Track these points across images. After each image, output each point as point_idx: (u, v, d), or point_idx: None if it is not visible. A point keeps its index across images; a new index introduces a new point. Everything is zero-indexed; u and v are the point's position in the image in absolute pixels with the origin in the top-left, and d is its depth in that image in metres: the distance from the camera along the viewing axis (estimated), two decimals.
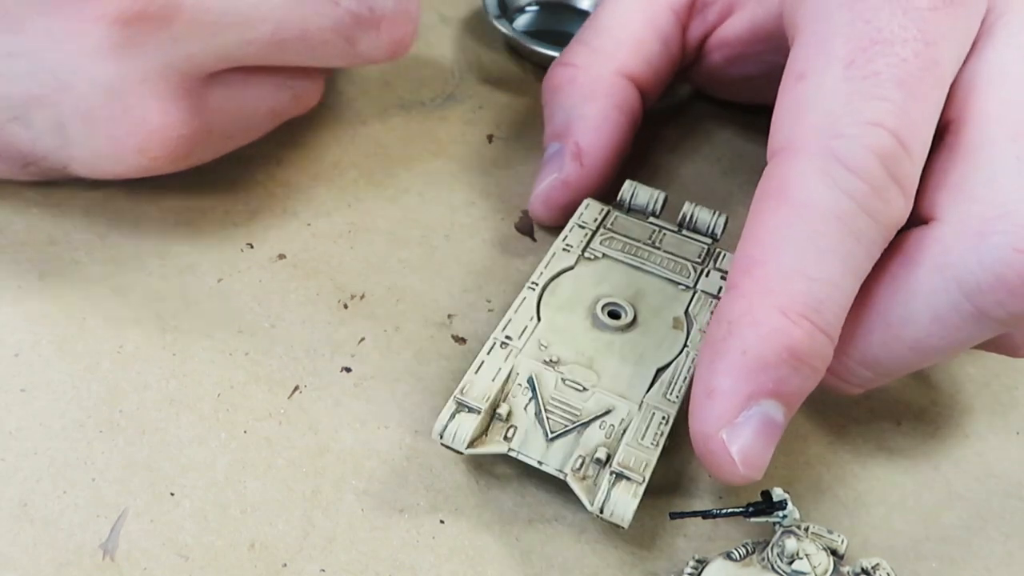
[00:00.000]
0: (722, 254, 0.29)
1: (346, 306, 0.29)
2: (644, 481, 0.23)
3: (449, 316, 0.29)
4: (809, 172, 0.22)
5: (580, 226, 0.29)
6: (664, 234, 0.30)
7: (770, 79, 0.25)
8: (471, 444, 0.23)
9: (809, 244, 0.22)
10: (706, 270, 0.29)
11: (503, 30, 0.39)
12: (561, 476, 0.23)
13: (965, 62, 0.24)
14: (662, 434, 0.24)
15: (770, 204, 0.23)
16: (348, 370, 0.27)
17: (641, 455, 0.23)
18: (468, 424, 0.23)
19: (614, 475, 0.23)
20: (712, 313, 0.26)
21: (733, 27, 0.33)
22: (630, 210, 0.30)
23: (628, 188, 0.30)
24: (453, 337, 0.28)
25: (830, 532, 0.23)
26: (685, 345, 0.26)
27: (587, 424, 0.24)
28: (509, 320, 0.26)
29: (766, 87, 0.25)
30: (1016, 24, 0.24)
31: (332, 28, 0.27)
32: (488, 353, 0.25)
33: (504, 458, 0.24)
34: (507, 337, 0.25)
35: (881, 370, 0.24)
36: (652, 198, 0.30)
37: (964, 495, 0.26)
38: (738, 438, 0.22)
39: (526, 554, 0.24)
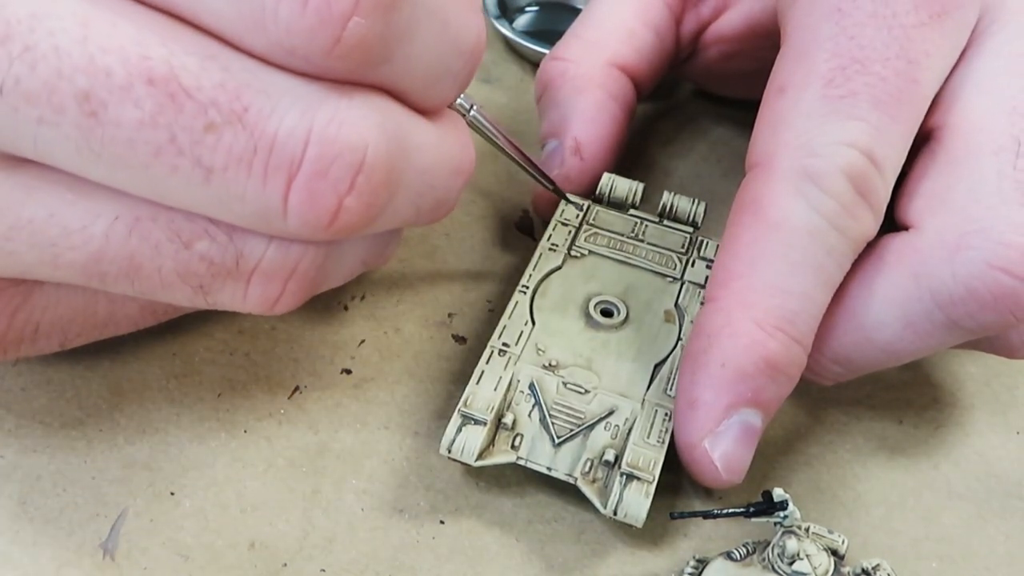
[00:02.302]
0: (705, 242, 0.29)
1: (346, 307, 0.29)
2: (654, 480, 0.23)
3: (449, 315, 0.29)
4: (783, 189, 0.23)
5: (563, 224, 0.29)
6: (646, 226, 0.30)
7: (767, 74, 0.25)
8: (479, 456, 0.23)
9: (783, 259, 0.23)
10: (691, 260, 0.29)
11: (503, 30, 0.39)
12: (571, 481, 0.23)
13: (954, 68, 0.25)
14: (666, 431, 0.24)
15: (746, 219, 0.24)
16: (348, 372, 0.27)
17: (649, 454, 0.23)
18: (475, 436, 0.23)
19: (624, 476, 0.23)
20: (701, 305, 0.27)
21: (729, 22, 0.33)
22: (609, 203, 0.30)
23: (607, 181, 0.30)
24: (453, 336, 0.28)
25: (831, 532, 0.23)
26: (679, 338, 0.26)
27: (592, 426, 0.24)
28: (504, 326, 0.26)
29: (763, 83, 0.25)
30: (1006, 32, 0.25)
31: (176, 272, 0.20)
32: (487, 362, 0.25)
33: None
34: (504, 344, 0.25)
35: (853, 367, 0.25)
36: (631, 190, 0.30)
37: (964, 495, 0.26)
38: (719, 446, 0.23)
39: (526, 554, 0.24)
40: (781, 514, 0.22)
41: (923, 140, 0.24)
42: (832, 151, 0.23)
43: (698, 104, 0.39)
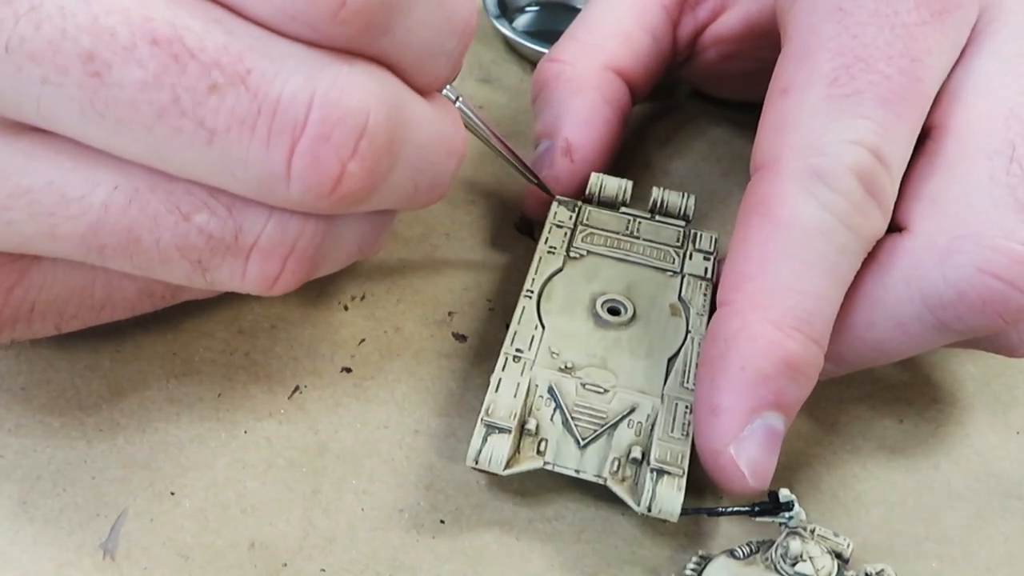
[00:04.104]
0: (698, 235, 0.30)
1: (346, 307, 0.29)
2: (684, 473, 0.23)
3: (449, 314, 0.29)
4: (792, 189, 0.23)
5: (557, 226, 0.29)
6: (639, 222, 0.30)
7: (766, 75, 0.25)
8: (506, 464, 0.23)
9: (796, 259, 0.23)
10: (688, 252, 0.29)
11: (503, 30, 0.39)
12: (600, 481, 0.23)
13: (953, 68, 0.25)
14: (689, 423, 0.24)
15: (755, 220, 0.23)
16: (348, 370, 0.27)
17: (675, 447, 0.23)
18: (502, 445, 0.23)
19: (654, 472, 0.23)
20: (704, 296, 0.27)
21: (727, 23, 0.33)
22: (600, 203, 0.30)
23: (595, 181, 0.30)
24: (454, 335, 0.28)
25: (836, 535, 0.23)
26: (687, 331, 0.26)
27: (615, 425, 0.24)
28: (515, 332, 0.26)
29: (762, 83, 0.25)
30: (1005, 32, 0.25)
31: (174, 246, 0.20)
32: (503, 369, 0.25)
33: None
34: (517, 350, 0.25)
35: (842, 364, 0.25)
36: (620, 188, 0.30)
37: (964, 495, 0.26)
38: (745, 452, 0.22)
39: (526, 554, 0.24)
40: (786, 515, 0.22)
41: (920, 139, 0.24)
42: (840, 150, 0.23)
43: (696, 105, 0.39)
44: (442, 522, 0.24)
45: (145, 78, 0.17)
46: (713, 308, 0.27)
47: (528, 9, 0.42)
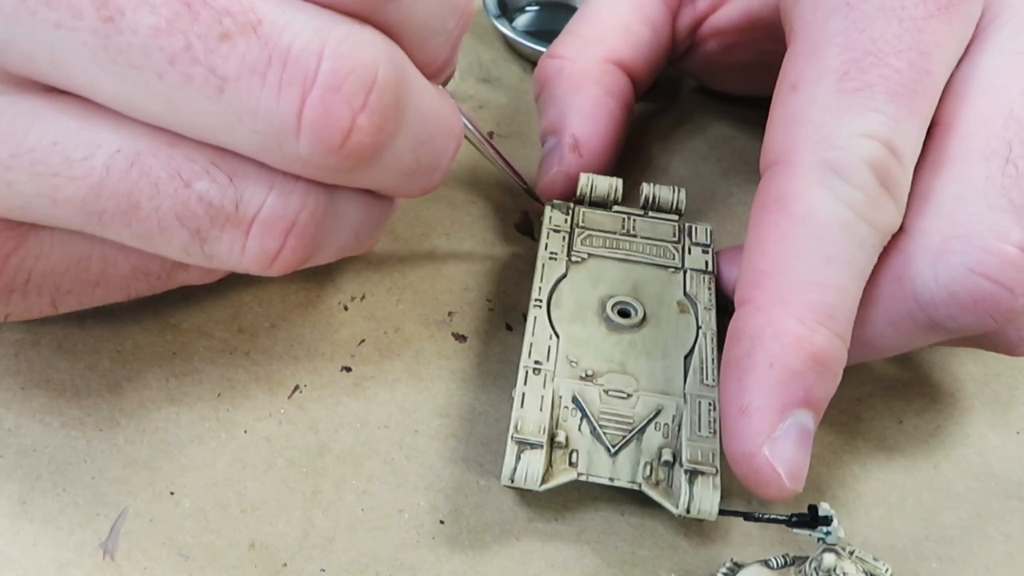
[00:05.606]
0: (693, 228, 0.30)
1: (346, 308, 0.29)
2: (718, 471, 0.23)
3: (449, 314, 0.29)
4: (807, 184, 0.23)
5: (554, 230, 0.29)
6: (634, 220, 0.30)
7: (766, 67, 0.25)
8: (542, 480, 0.23)
9: (815, 253, 0.22)
10: (686, 247, 0.29)
11: (503, 30, 0.39)
12: (636, 488, 0.23)
13: (957, 65, 0.25)
14: (714, 420, 0.24)
15: (771, 217, 0.23)
16: (348, 370, 0.27)
17: (705, 446, 0.23)
18: (536, 461, 0.23)
19: (688, 473, 0.23)
20: (709, 290, 0.27)
21: (727, 14, 0.33)
22: (592, 203, 0.30)
23: (585, 181, 0.30)
24: (454, 335, 0.28)
25: (875, 560, 0.22)
26: (698, 327, 0.26)
27: (643, 429, 0.24)
28: (531, 344, 0.25)
29: (762, 75, 0.25)
30: (1009, 29, 0.25)
31: (174, 213, 0.20)
32: (525, 383, 0.24)
33: (500, 457, 0.24)
34: (536, 363, 0.25)
35: None
36: (611, 187, 0.30)
37: (964, 495, 0.26)
38: (779, 452, 0.22)
39: (526, 554, 0.24)
40: (824, 529, 0.22)
41: None
42: (853, 143, 0.22)
43: (696, 103, 0.39)
44: (442, 522, 0.24)
45: (158, 24, 0.17)
46: (719, 302, 0.27)
47: (528, 9, 0.42)
